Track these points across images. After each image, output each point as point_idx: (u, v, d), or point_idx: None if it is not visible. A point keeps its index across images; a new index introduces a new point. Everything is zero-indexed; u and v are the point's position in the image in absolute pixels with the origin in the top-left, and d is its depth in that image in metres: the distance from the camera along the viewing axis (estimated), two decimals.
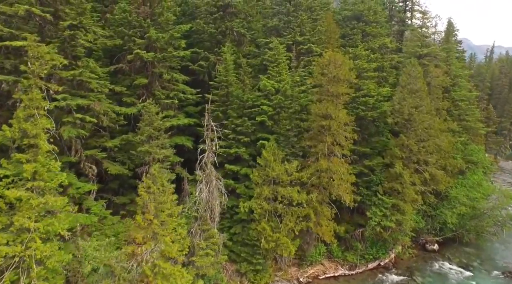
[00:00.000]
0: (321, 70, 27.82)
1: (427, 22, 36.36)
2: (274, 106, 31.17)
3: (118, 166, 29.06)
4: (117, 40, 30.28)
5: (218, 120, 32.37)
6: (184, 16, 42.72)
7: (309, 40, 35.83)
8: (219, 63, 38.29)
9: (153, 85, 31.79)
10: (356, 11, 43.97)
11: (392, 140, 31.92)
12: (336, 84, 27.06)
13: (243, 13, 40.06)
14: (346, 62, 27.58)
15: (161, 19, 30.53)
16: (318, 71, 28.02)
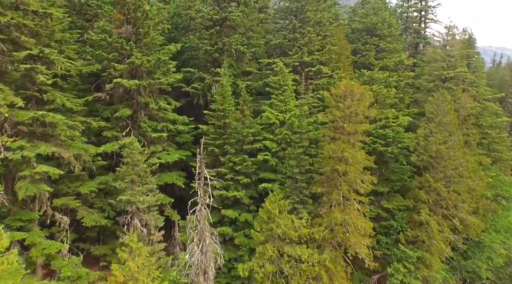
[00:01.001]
0: (336, 102, 23.39)
1: (451, 38, 31.91)
2: (279, 142, 26.79)
3: (95, 214, 24.64)
4: (95, 65, 25.85)
5: (213, 155, 28.01)
6: (177, 29, 38.35)
7: (318, 60, 31.40)
8: (215, 84, 34.02)
9: (138, 115, 27.37)
10: (369, 24, 39.58)
11: (415, 178, 27.53)
12: (354, 121, 22.66)
13: (243, 27, 35.65)
14: (365, 94, 23.15)
15: (147, 40, 26.10)
16: (331, 104, 23.59)
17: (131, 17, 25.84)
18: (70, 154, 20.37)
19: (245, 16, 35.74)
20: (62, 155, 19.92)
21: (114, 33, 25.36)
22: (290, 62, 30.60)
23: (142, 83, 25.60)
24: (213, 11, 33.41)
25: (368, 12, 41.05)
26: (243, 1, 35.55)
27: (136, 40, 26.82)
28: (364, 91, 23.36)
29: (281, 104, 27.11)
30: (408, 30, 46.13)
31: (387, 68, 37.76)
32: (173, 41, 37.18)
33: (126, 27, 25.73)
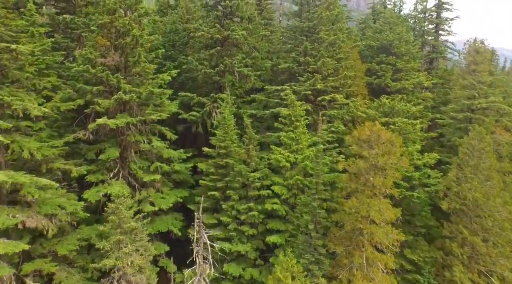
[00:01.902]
0: (358, 148, 19.87)
1: (480, 60, 28.35)
2: (289, 187, 23.28)
3: (76, 276, 21.08)
4: (76, 100, 22.23)
5: (213, 198, 24.47)
6: (174, 47, 34.74)
7: (332, 87, 27.83)
8: (216, 110, 30.50)
9: (128, 155, 23.85)
10: (384, 41, 35.98)
11: (445, 226, 24.03)
12: (380, 174, 19.15)
13: (247, 44, 32.04)
14: (395, 141, 19.59)
15: (137, 70, 22.51)
16: (353, 149, 20.07)
17: (119, 44, 22.25)
18: (39, 222, 16.81)
19: (249, 33, 32.23)
20: (28, 226, 16.39)
21: (99, 62, 21.76)
22: (301, 90, 27.01)
23: (132, 120, 22.03)
24: (213, 30, 29.86)
25: (383, 27, 37.42)
26: (247, 16, 32.04)
27: (125, 69, 23.26)
28: (394, 137, 19.78)
29: (292, 143, 23.58)
30: (424, 45, 42.50)
31: (404, 91, 34.27)
32: (170, 59, 33.76)
33: (113, 55, 22.14)
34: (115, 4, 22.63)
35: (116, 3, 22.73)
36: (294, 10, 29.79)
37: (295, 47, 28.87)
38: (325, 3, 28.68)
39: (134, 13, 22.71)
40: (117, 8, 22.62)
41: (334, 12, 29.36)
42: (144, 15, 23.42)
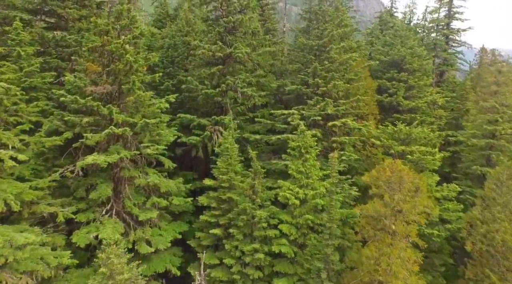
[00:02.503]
0: (376, 189, 17.82)
1: (503, 80, 26.17)
2: (298, 226, 21.21)
3: None
4: (65, 134, 20.11)
5: (215, 236, 22.41)
6: (173, 64, 32.62)
7: (344, 111, 25.76)
8: (217, 134, 28.46)
9: (122, 190, 21.77)
10: (395, 56, 33.94)
11: (468, 267, 22.00)
12: (402, 219, 17.10)
13: (250, 61, 29.93)
14: (421, 184, 17.53)
15: (131, 98, 20.41)
16: (373, 191, 18.02)
17: (111, 70, 20.18)
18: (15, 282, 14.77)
19: (253, 48, 30.14)
20: None
21: (89, 90, 19.68)
22: (310, 114, 24.94)
23: (125, 155, 19.94)
24: (215, 47, 27.76)
25: (394, 40, 35.36)
26: (251, 31, 29.93)
27: (119, 95, 21.18)
28: (418, 179, 17.72)
29: (301, 177, 21.52)
30: (436, 58, 40.44)
31: (417, 110, 32.25)
32: (168, 76, 31.75)
33: (105, 83, 20.06)
34: (107, 25, 20.59)
35: (108, 24, 20.70)
36: (302, 26, 27.66)
37: (303, 67, 26.75)
38: (335, 18, 26.58)
39: (128, 35, 20.62)
40: (109, 29, 20.58)
41: (346, 29, 27.30)
42: (140, 37, 21.29)
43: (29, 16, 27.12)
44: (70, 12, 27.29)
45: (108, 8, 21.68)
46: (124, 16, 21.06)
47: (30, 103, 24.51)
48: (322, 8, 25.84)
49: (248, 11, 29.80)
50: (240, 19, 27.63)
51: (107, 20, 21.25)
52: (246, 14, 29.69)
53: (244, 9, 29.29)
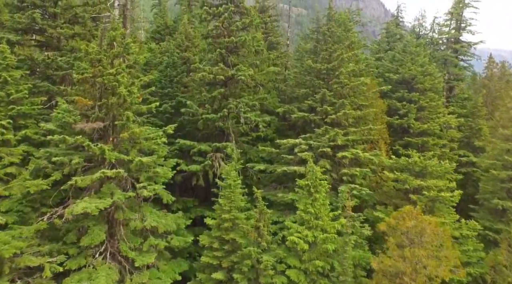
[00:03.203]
0: (393, 238, 16.15)
1: None
2: (307, 272, 19.53)
3: None
4: (52, 176, 18.39)
5: (217, 281, 20.72)
6: (171, 83, 30.88)
7: (353, 141, 24.10)
8: (219, 162, 26.82)
9: (116, 232, 20.06)
10: (406, 75, 32.27)
11: None
12: (424, 274, 15.43)
13: (254, 82, 28.18)
14: (446, 239, 15.87)
15: (125, 135, 18.66)
16: (389, 244, 16.33)
17: (104, 104, 18.47)
18: None
19: (256, 68, 28.44)
20: None
21: (79, 127, 17.97)
22: (318, 145, 23.25)
23: (120, 198, 18.23)
24: (216, 69, 26.05)
25: (403, 57, 33.67)
26: (254, 49, 28.17)
27: (113, 130, 19.46)
28: (442, 231, 16.06)
29: (310, 218, 19.84)
30: (448, 75, 38.73)
31: (429, 133, 30.59)
32: (166, 98, 30.08)
33: (96, 119, 18.35)
34: (99, 53, 18.88)
35: (100, 52, 18.99)
36: (309, 47, 25.94)
37: (311, 92, 25.05)
38: (345, 39, 24.87)
39: (122, 65, 18.91)
40: (101, 58, 18.87)
41: (357, 51, 25.65)
42: (134, 66, 19.59)
43: (17, 37, 25.41)
44: (62, 32, 25.62)
45: (100, 33, 19.81)
46: (118, 43, 19.37)
47: (18, 131, 23.18)
48: (331, 29, 24.07)
49: (251, 28, 28.13)
50: (243, 39, 25.92)
51: (99, 47, 19.52)
52: (249, 32, 28.04)
53: (247, 26, 27.61)
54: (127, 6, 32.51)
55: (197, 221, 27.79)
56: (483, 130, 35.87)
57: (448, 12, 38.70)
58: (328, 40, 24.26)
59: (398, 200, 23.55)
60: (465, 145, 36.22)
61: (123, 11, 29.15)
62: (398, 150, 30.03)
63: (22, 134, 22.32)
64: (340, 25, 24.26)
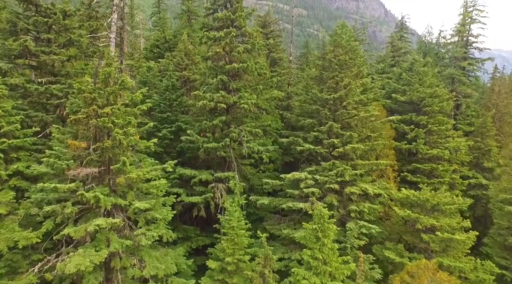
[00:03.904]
0: None
1: None
2: None
3: None
4: (43, 226, 17.20)
5: None
6: (171, 107, 29.74)
7: (362, 176, 22.98)
8: (221, 192, 25.76)
9: (114, 279, 18.91)
10: (414, 97, 31.14)
11: None
12: None
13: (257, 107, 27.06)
14: None
15: (121, 179, 17.49)
16: None
17: (98, 147, 17.33)
18: None
19: (259, 93, 27.33)
20: None
21: (72, 174, 16.84)
22: (325, 180, 22.12)
23: (116, 248, 17.09)
24: (217, 96, 24.93)
25: (411, 78, 32.53)
26: (257, 72, 26.99)
27: (108, 172, 18.30)
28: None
29: (318, 263, 18.73)
30: (455, 93, 37.59)
31: (439, 158, 29.47)
32: (166, 122, 28.99)
33: (90, 164, 17.22)
34: (93, 92, 17.73)
35: (94, 90, 17.84)
36: (315, 74, 24.77)
37: (317, 122, 23.90)
38: (353, 66, 23.73)
39: (118, 105, 17.76)
40: (95, 97, 17.73)
41: (366, 79, 24.50)
42: (130, 104, 18.43)
43: (9, 65, 24.27)
44: (56, 58, 24.50)
45: (94, 68, 18.64)
46: (113, 79, 18.22)
47: (10, 164, 22.21)
48: (338, 56, 22.92)
49: (253, 51, 26.99)
50: (245, 66, 24.79)
51: (93, 83, 18.39)
52: (252, 54, 26.90)
53: (251, 49, 26.47)
54: (125, 28, 31.38)
55: (199, 252, 26.90)
56: (493, 151, 34.88)
57: (455, 29, 37.58)
58: (335, 68, 23.11)
59: (408, 236, 22.44)
60: (474, 165, 35.24)
61: (120, 33, 27.95)
62: (407, 177, 29.01)
63: (13, 168, 21.43)
64: (347, 52, 23.06)
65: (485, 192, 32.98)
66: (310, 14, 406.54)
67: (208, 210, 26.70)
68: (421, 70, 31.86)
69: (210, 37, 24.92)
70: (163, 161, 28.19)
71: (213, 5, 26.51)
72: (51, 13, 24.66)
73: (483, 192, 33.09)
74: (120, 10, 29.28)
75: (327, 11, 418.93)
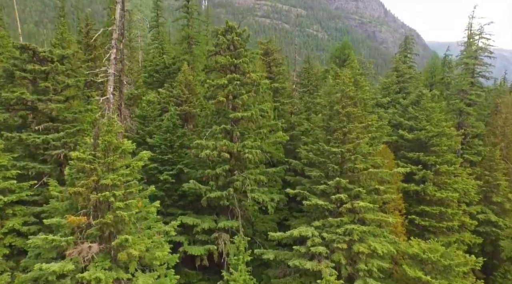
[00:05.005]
0: None
1: None
2: None
3: None
4: None
5: None
6: (171, 149, 28.96)
7: (370, 233, 22.27)
8: (224, 242, 25.09)
9: None
10: (421, 136, 30.40)
11: None
12: None
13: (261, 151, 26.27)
14: None
15: (123, 255, 16.71)
16: None
17: (99, 223, 16.57)
18: None
19: (263, 137, 26.60)
20: None
21: (69, 254, 16.08)
22: (332, 239, 21.40)
23: None
24: (220, 145, 24.17)
25: (418, 114, 31.78)
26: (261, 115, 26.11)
27: (110, 243, 17.56)
28: None
29: None
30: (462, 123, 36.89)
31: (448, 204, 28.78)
32: (167, 164, 28.26)
33: (90, 236, 16.48)
34: (92, 162, 16.96)
35: (94, 160, 17.07)
36: (322, 124, 24.01)
37: (324, 174, 23.17)
38: (360, 117, 22.97)
39: (119, 176, 16.98)
40: (95, 167, 16.97)
41: (376, 134, 23.79)
42: (132, 175, 17.65)
43: (4, 115, 23.53)
44: (53, 108, 23.73)
45: (94, 135, 17.85)
46: (113, 147, 17.46)
47: (6, 220, 21.68)
48: (346, 108, 22.18)
49: (258, 96, 26.23)
50: (249, 115, 24.05)
51: (93, 148, 17.65)
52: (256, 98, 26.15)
53: (255, 94, 25.70)
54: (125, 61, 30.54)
55: None
56: (502, 185, 34.24)
57: (462, 59, 36.81)
58: (342, 119, 22.36)
59: None
60: (483, 198, 34.56)
61: (119, 76, 27.14)
62: (415, 220, 28.33)
63: (9, 226, 20.93)
64: (355, 103, 22.31)
65: (494, 229, 32.41)
66: (309, 14, 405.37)
67: (211, 255, 26.07)
68: (429, 106, 31.13)
69: (212, 85, 24.15)
70: (164, 204, 27.68)
71: (216, 47, 25.72)
72: (48, 60, 23.90)
73: (493, 229, 32.50)
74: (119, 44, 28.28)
75: (326, 11, 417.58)
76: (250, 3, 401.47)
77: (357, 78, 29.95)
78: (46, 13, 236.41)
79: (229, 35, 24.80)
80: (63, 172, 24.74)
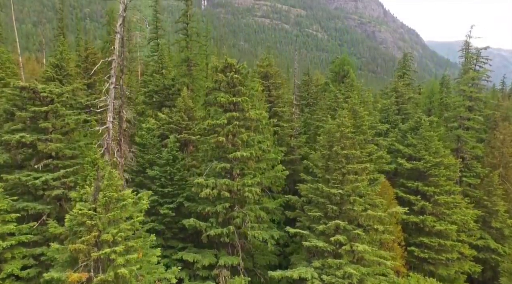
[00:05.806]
0: None
1: None
2: None
3: None
4: None
5: None
6: (171, 181, 29.01)
7: (369, 274, 22.43)
8: (224, 279, 25.23)
9: None
10: (420, 166, 30.52)
11: None
12: None
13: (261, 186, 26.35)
14: None
15: None
16: None
17: (101, 281, 16.68)
18: None
19: (263, 172, 26.74)
20: None
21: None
22: (332, 280, 21.55)
23: None
24: (220, 184, 24.26)
25: (417, 143, 31.87)
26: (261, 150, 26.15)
27: None
28: None
29: None
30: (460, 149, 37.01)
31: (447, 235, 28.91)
32: (167, 197, 28.36)
33: None
34: (93, 218, 17.07)
35: (95, 215, 17.18)
36: (321, 164, 24.12)
37: (323, 215, 23.30)
38: (358, 157, 23.08)
39: (118, 227, 17.10)
40: (97, 222, 17.08)
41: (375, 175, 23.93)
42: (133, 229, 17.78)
43: (4, 156, 23.61)
44: (53, 148, 23.81)
45: (94, 189, 17.94)
46: (114, 201, 17.57)
47: (4, 263, 21.82)
48: (345, 149, 22.29)
49: (257, 132, 26.34)
50: (249, 155, 24.13)
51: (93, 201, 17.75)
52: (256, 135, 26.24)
53: (255, 131, 25.80)
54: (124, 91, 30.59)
55: None
56: (500, 211, 34.42)
57: (459, 85, 36.90)
58: (341, 161, 22.49)
59: None
60: (482, 223, 34.72)
61: (119, 111, 27.19)
62: (414, 252, 28.49)
63: (8, 271, 21.09)
64: (354, 145, 22.42)
65: (494, 256, 32.60)
66: (309, 14, 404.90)
67: None
68: (427, 135, 31.23)
69: (212, 125, 24.23)
70: (164, 237, 27.81)
71: (215, 83, 25.79)
72: (48, 101, 23.98)
73: (492, 256, 32.70)
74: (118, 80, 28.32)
75: (326, 11, 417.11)
76: (249, 3, 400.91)
77: (356, 108, 30.10)
78: (44, 13, 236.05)
79: (229, 73, 24.86)
80: (63, 207, 24.96)
